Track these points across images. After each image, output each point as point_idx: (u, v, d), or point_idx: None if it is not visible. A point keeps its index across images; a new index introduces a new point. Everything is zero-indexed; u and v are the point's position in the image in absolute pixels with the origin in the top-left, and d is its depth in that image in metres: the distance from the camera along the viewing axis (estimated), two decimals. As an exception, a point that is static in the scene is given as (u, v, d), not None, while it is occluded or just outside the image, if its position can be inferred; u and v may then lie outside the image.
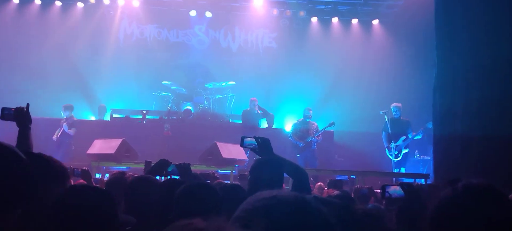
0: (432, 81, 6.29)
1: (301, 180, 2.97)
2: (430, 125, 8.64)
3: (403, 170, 9.05)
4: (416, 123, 9.49)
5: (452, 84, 6.00)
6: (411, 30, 11.85)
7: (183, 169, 3.29)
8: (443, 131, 6.04)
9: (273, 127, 11.43)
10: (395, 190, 2.93)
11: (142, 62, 12.45)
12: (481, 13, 5.73)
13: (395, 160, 9.13)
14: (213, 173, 5.83)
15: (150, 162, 3.73)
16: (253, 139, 3.00)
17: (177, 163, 3.33)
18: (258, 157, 3.11)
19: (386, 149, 9.21)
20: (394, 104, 9.37)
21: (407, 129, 9.15)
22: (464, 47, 5.95)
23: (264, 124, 11.20)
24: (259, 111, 10.38)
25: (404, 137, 9.10)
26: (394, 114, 9.32)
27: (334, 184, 5.77)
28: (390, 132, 9.14)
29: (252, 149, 3.03)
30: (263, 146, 2.98)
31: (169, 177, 3.22)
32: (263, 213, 1.07)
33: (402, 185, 2.92)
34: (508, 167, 5.18)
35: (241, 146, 3.05)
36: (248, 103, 10.60)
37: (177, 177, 3.23)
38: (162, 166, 3.30)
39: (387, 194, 2.93)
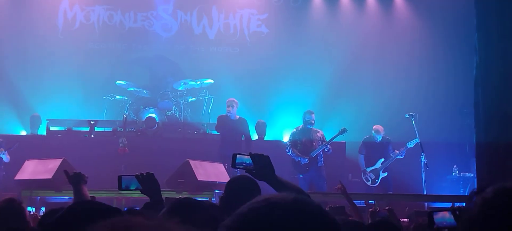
0: (473, 73, 6.32)
1: None
2: (411, 144, 9.64)
3: None
4: (452, 128, 9.63)
5: (503, 76, 6.02)
6: (445, 6, 11.92)
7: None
8: (489, 137, 6.06)
9: (265, 139, 11.41)
10: (444, 217, 3.00)
11: (88, 57, 12.40)
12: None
13: (372, 186, 9.95)
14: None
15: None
16: (248, 157, 3.01)
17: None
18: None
19: (363, 173, 10.09)
20: (376, 127, 10.16)
21: (387, 148, 10.05)
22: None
23: (254, 136, 11.16)
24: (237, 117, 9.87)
25: (382, 159, 9.99)
26: (375, 137, 10.17)
27: (340, 210, 5.72)
28: (364, 153, 10.17)
29: (248, 170, 3.04)
30: (261, 166, 2.98)
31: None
32: (254, 220, 1.24)
33: (454, 210, 2.97)
34: None
35: (233, 166, 3.05)
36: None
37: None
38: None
39: (436, 224, 2.99)
